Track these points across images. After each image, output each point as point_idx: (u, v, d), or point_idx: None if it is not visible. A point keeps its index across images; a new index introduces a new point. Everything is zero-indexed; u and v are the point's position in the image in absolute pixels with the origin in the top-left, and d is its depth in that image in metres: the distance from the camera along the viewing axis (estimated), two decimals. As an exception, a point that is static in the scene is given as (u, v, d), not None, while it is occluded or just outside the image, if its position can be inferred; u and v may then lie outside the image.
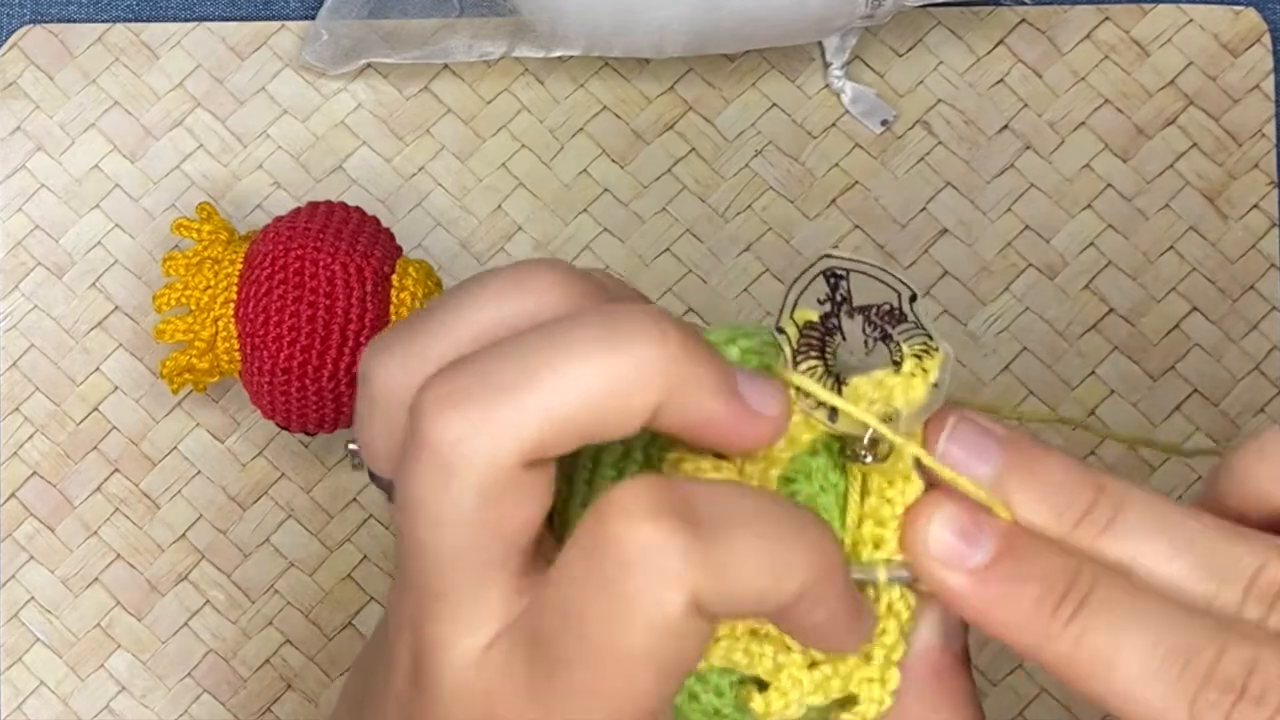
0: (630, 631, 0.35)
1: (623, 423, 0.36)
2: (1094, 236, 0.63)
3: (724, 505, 0.36)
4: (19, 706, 0.61)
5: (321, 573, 0.61)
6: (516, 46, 0.62)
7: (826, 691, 0.39)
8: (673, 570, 0.35)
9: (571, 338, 0.36)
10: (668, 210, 0.63)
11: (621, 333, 0.36)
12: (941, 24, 0.64)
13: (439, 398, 0.36)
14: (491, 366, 0.36)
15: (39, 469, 0.62)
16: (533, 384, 0.36)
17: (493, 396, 0.36)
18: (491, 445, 0.36)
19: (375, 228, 0.58)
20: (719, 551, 0.35)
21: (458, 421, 0.36)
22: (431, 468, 0.36)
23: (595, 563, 0.35)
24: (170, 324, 0.57)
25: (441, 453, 0.36)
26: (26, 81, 0.63)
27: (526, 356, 0.36)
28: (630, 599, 0.35)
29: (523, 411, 0.36)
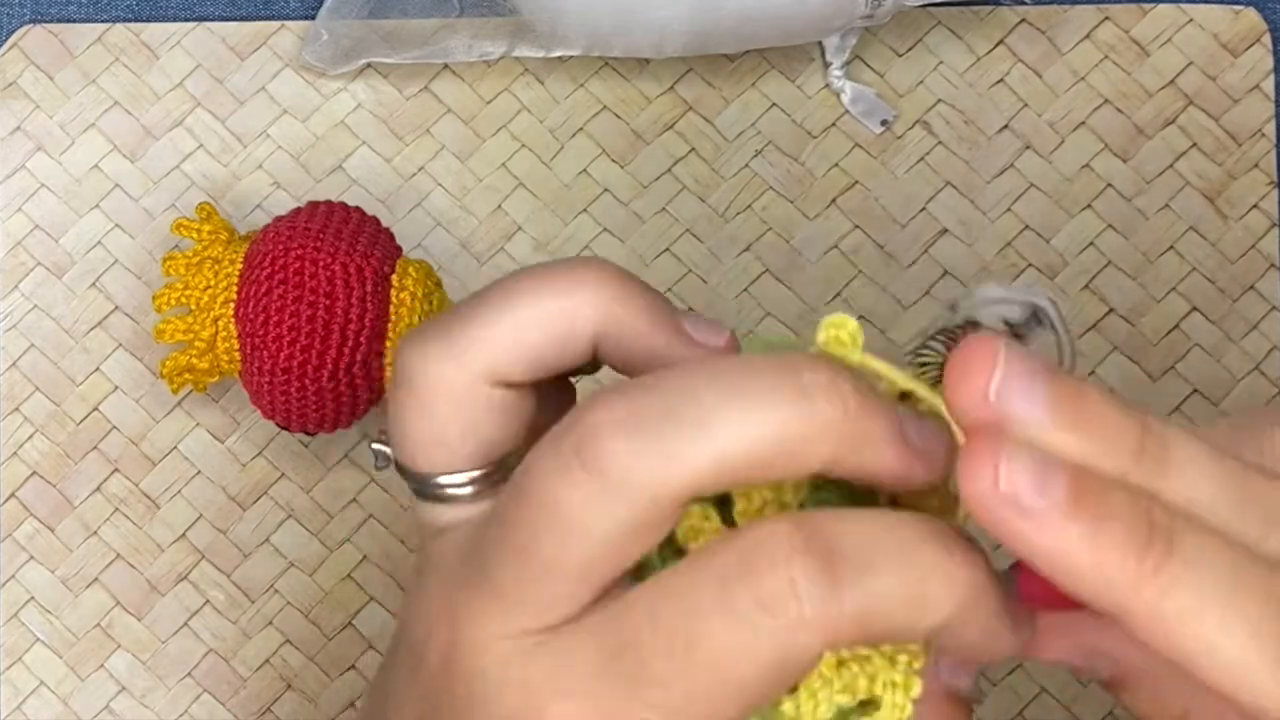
0: (746, 665, 0.35)
1: (789, 472, 0.36)
2: (1094, 236, 0.63)
3: (866, 541, 0.36)
4: (19, 706, 0.61)
5: (321, 573, 0.61)
6: (516, 46, 0.62)
7: (854, 691, 0.39)
8: (814, 613, 0.35)
9: (757, 383, 0.36)
10: (668, 210, 0.63)
11: (804, 387, 0.36)
12: (941, 24, 0.64)
13: (617, 422, 0.36)
14: (674, 400, 0.36)
15: (39, 469, 0.62)
16: (714, 424, 0.36)
17: (674, 430, 0.36)
18: (662, 478, 0.36)
19: (375, 228, 0.58)
20: (863, 592, 0.35)
21: (634, 447, 0.36)
22: (595, 481, 0.36)
23: (727, 592, 0.35)
24: (170, 324, 0.57)
25: (610, 475, 0.36)
26: (26, 81, 0.63)
27: (709, 395, 0.36)
28: (761, 635, 0.35)
29: (699, 451, 0.35)
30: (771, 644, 0.35)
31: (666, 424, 0.36)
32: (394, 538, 0.61)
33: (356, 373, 0.56)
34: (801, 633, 0.35)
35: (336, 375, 0.56)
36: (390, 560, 0.61)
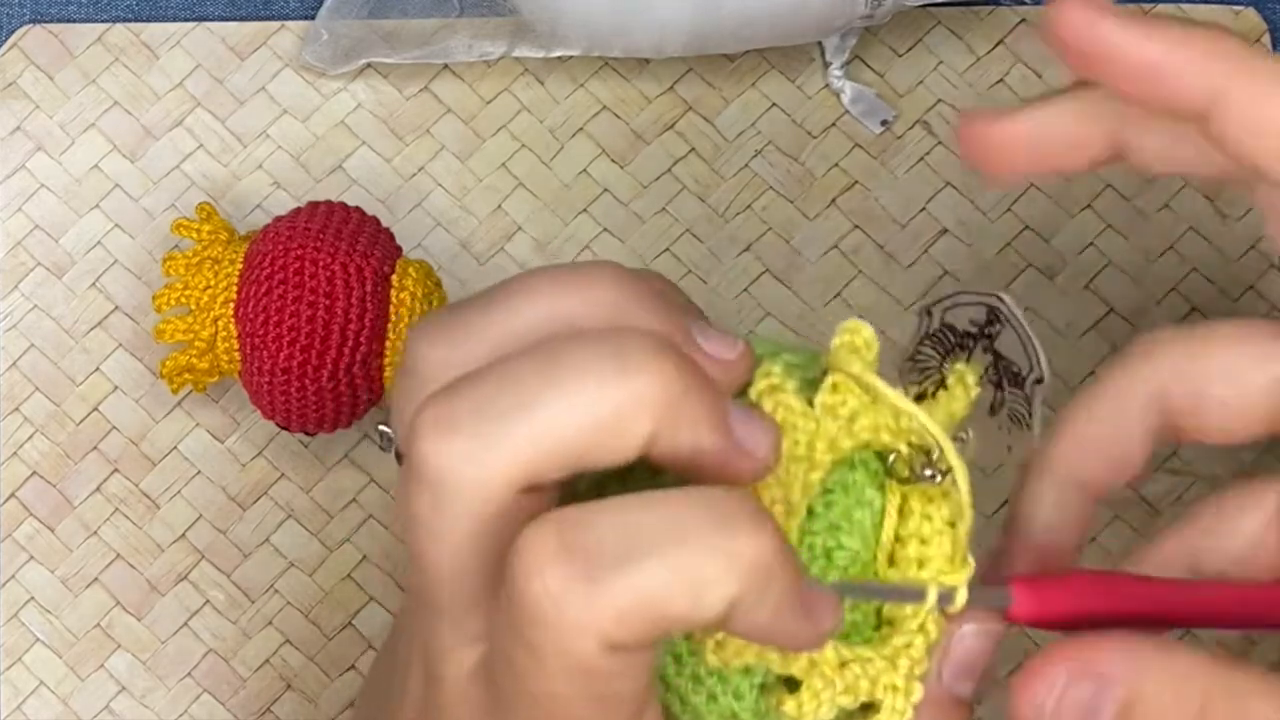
0: (550, 679, 0.35)
1: (615, 452, 0.36)
2: (1094, 236, 0.63)
3: (628, 533, 0.35)
4: (19, 706, 0.61)
5: (321, 573, 0.61)
6: (516, 46, 0.62)
7: (856, 692, 0.39)
8: (571, 619, 0.34)
9: (569, 364, 0.36)
10: (668, 210, 0.63)
11: (623, 362, 0.36)
12: (941, 24, 0.64)
13: (434, 420, 0.36)
14: (486, 392, 0.36)
15: (39, 469, 0.62)
16: (525, 413, 0.35)
17: (485, 425, 0.36)
18: (482, 473, 0.36)
19: (375, 228, 0.58)
20: (623, 586, 0.34)
21: (448, 448, 0.36)
22: (426, 490, 0.36)
23: (511, 614, 0.35)
24: (170, 324, 0.57)
25: (433, 477, 0.36)
26: (26, 81, 0.63)
27: (522, 383, 0.36)
28: (541, 651, 0.35)
29: (513, 441, 0.35)
30: (553, 656, 0.35)
31: (480, 419, 0.36)
32: (394, 538, 0.61)
33: (356, 373, 0.56)
34: (569, 637, 0.34)
35: (336, 375, 0.56)
36: (390, 560, 0.61)
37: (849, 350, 0.40)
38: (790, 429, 0.39)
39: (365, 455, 0.61)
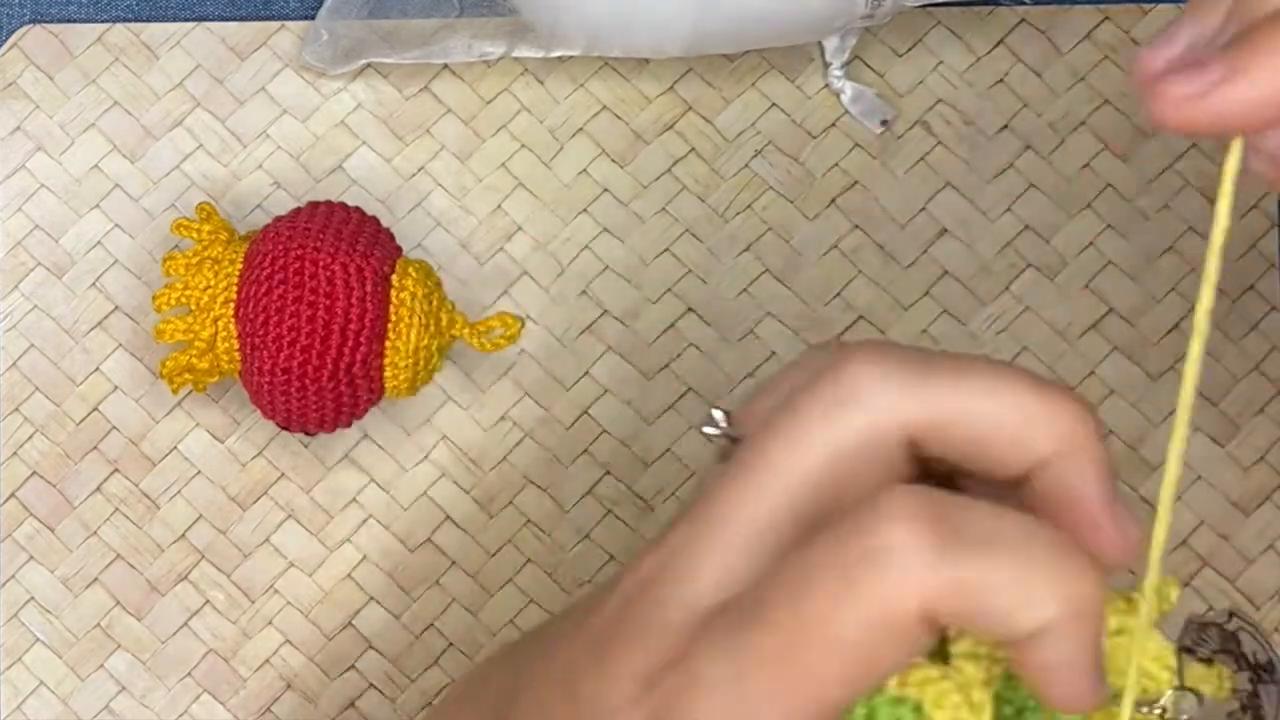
0: (847, 616, 0.35)
1: (1012, 453, 0.38)
2: (1094, 236, 0.63)
3: (988, 524, 0.36)
4: (19, 706, 0.61)
5: (321, 573, 0.61)
6: (516, 46, 0.62)
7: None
8: (914, 571, 0.35)
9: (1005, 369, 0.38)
10: (667, 210, 0.63)
11: (1045, 386, 0.38)
12: (941, 24, 0.64)
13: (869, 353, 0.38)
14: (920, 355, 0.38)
15: (39, 469, 0.62)
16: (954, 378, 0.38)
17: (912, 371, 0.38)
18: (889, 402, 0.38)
19: (375, 228, 0.58)
20: (968, 565, 0.35)
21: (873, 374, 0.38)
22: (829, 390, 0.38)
23: (840, 547, 0.36)
24: (170, 324, 0.57)
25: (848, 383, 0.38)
26: (26, 81, 0.63)
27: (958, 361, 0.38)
28: (861, 586, 0.35)
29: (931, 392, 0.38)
30: (872, 596, 0.35)
31: (914, 367, 0.38)
32: (394, 538, 0.61)
33: (356, 373, 0.56)
34: (901, 585, 0.35)
35: (336, 375, 0.56)
36: (390, 560, 0.61)
37: (1158, 594, 0.40)
38: None
39: (365, 455, 0.61)
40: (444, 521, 0.61)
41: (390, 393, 0.58)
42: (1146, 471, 0.62)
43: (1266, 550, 0.62)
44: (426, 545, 0.61)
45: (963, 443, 0.38)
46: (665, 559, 0.39)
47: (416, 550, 0.61)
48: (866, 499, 0.36)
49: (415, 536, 0.61)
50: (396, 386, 0.58)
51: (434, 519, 0.61)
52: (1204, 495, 0.62)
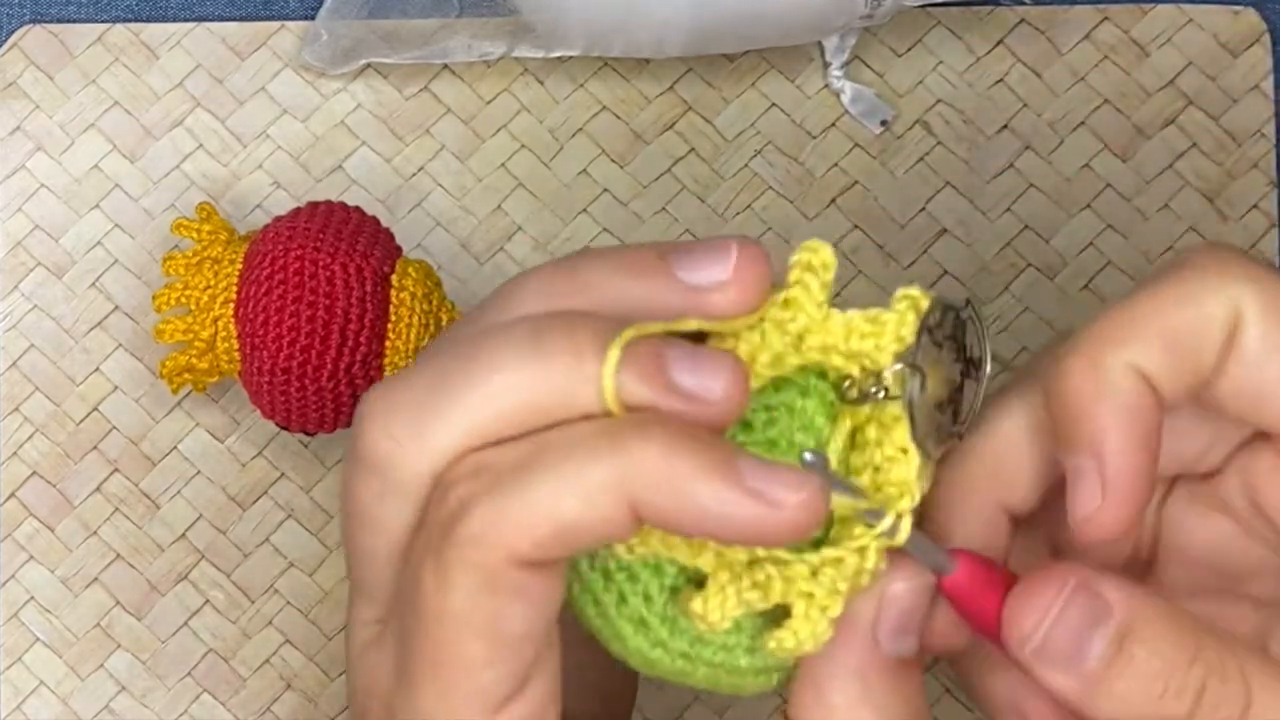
0: (450, 594, 0.36)
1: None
2: (1094, 236, 0.63)
3: (526, 449, 0.36)
4: (19, 706, 0.61)
5: (321, 573, 0.61)
6: (516, 46, 0.62)
7: (765, 591, 0.38)
8: (472, 532, 0.36)
9: (492, 354, 0.37)
10: (667, 210, 0.63)
11: (541, 347, 0.37)
12: (941, 24, 0.64)
13: (375, 414, 0.38)
14: (421, 388, 0.38)
15: (39, 469, 0.62)
16: (457, 402, 0.37)
17: (423, 414, 0.38)
18: (422, 460, 0.38)
19: (375, 228, 0.58)
20: (519, 503, 0.36)
21: (390, 440, 0.38)
22: (374, 479, 0.38)
23: (422, 534, 0.37)
24: (170, 324, 0.57)
25: (378, 470, 0.38)
26: (26, 81, 0.63)
27: (452, 374, 0.37)
28: (448, 564, 0.36)
29: (448, 428, 0.37)
30: (458, 568, 0.36)
31: (416, 408, 0.37)
32: (394, 538, 0.61)
33: (356, 373, 0.56)
34: (480, 551, 0.36)
35: (336, 375, 0.56)
36: (390, 560, 0.61)
37: (805, 269, 0.39)
38: (731, 338, 0.39)
39: (365, 455, 0.62)
40: (444, 521, 0.61)
41: (390, 393, 0.58)
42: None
43: (1266, 550, 0.62)
44: (426, 545, 0.61)
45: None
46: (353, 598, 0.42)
47: (416, 550, 0.61)
48: None
49: (415, 536, 0.61)
50: (396, 386, 0.58)
51: (434, 519, 0.61)
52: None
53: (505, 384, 0.37)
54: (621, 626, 0.39)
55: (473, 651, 0.37)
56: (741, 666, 0.39)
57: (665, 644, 0.39)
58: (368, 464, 0.38)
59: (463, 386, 0.37)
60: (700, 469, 0.35)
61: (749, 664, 0.39)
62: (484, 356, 0.37)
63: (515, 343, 0.37)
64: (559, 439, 0.36)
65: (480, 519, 0.36)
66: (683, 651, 0.39)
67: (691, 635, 0.39)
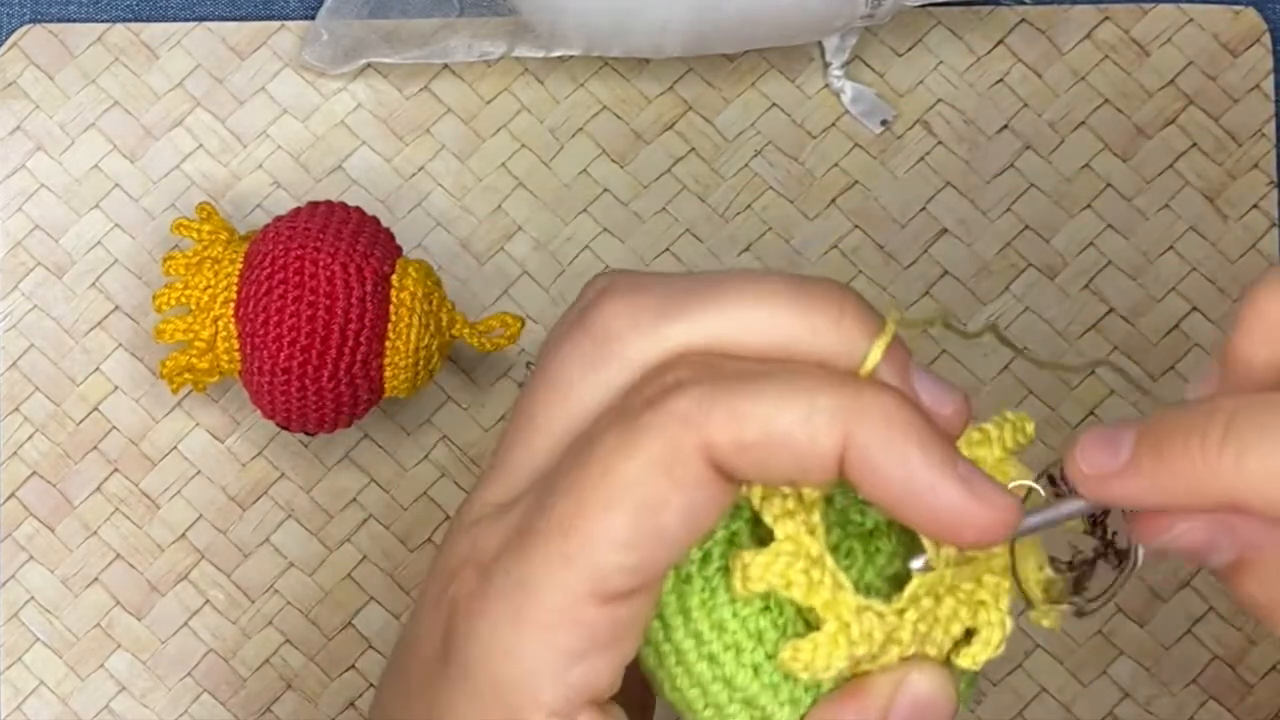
0: (628, 458, 0.36)
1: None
2: (1094, 236, 0.63)
3: (758, 365, 0.37)
4: (19, 706, 0.61)
5: (321, 573, 0.61)
6: (516, 46, 0.62)
7: (870, 645, 0.38)
8: (690, 411, 0.36)
9: (760, 284, 0.38)
10: (668, 210, 0.63)
11: (806, 293, 0.38)
12: (941, 24, 0.64)
13: (621, 292, 0.38)
14: (677, 284, 0.38)
15: (39, 469, 0.62)
16: (705, 307, 0.38)
17: (668, 309, 0.38)
18: (650, 345, 0.38)
19: (375, 228, 0.58)
20: (740, 399, 0.36)
21: (628, 318, 0.38)
22: (588, 348, 0.39)
23: (620, 407, 0.37)
24: (170, 324, 0.57)
25: (603, 339, 0.38)
26: (26, 81, 0.63)
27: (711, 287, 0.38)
28: (640, 428, 0.36)
29: (687, 326, 0.38)
30: (649, 437, 0.36)
31: (664, 303, 0.37)
32: (394, 538, 0.61)
33: (356, 373, 0.56)
34: (680, 428, 0.36)
35: (336, 375, 0.56)
36: (390, 560, 0.61)
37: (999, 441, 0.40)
38: None
39: (365, 455, 0.62)
40: (444, 521, 0.61)
41: (390, 393, 0.58)
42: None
43: (1266, 550, 0.62)
44: (426, 545, 0.61)
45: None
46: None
47: (416, 550, 0.61)
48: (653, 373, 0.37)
49: (415, 536, 0.61)
50: (396, 386, 0.58)
51: (434, 519, 0.61)
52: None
53: (759, 309, 0.37)
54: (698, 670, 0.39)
55: (616, 524, 0.36)
56: None
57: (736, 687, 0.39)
58: (593, 335, 0.38)
59: (717, 296, 0.37)
60: (924, 437, 0.36)
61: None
62: (744, 280, 0.38)
63: (779, 281, 0.37)
64: (794, 366, 0.37)
65: (695, 398, 0.36)
66: (747, 698, 0.39)
67: (765, 683, 0.39)
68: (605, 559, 0.36)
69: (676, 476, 0.36)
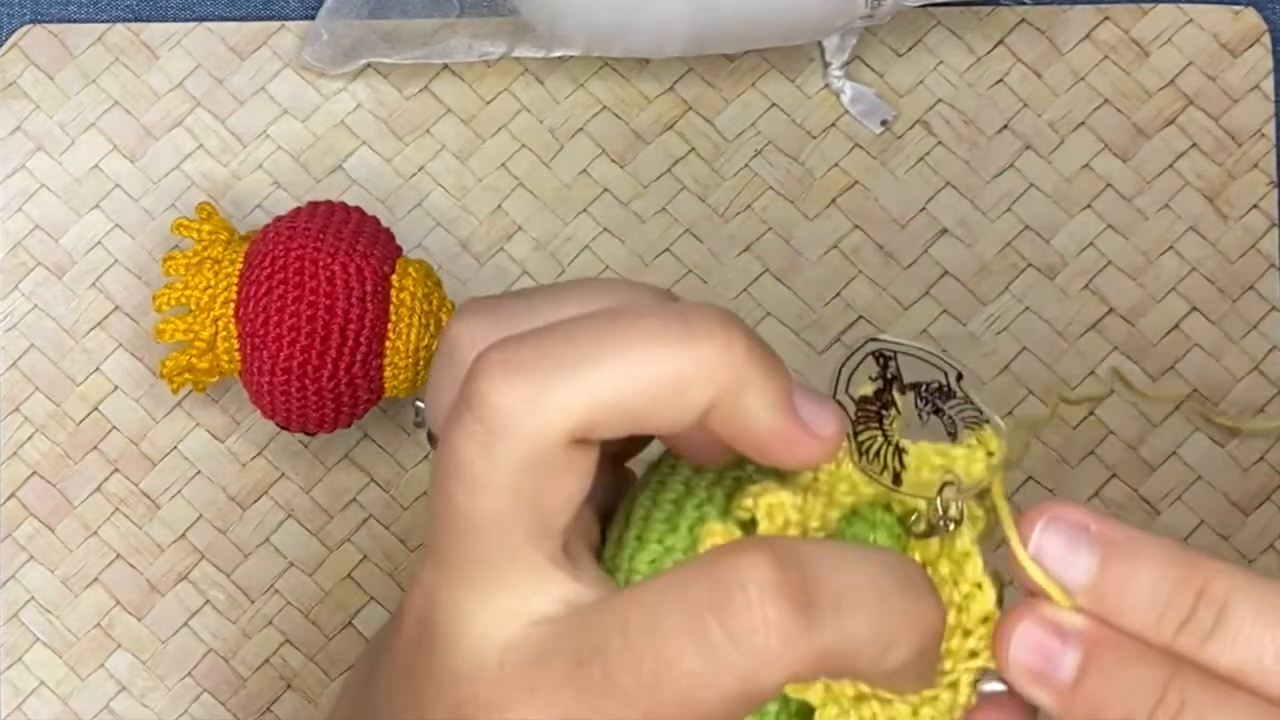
0: (713, 696, 0.35)
1: (674, 416, 0.36)
2: (1094, 236, 0.63)
3: (843, 580, 0.36)
4: (19, 706, 0.61)
5: (321, 573, 0.61)
6: (516, 46, 0.62)
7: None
8: (779, 653, 0.35)
9: (639, 325, 0.36)
10: (668, 210, 0.63)
11: (689, 328, 0.36)
12: (941, 24, 0.64)
13: (497, 363, 0.36)
14: (554, 341, 0.36)
15: (39, 469, 0.62)
16: (591, 364, 0.36)
17: (550, 370, 0.36)
18: (541, 418, 0.36)
19: (375, 228, 0.58)
20: (830, 631, 0.35)
21: (511, 390, 0.36)
22: (479, 431, 0.36)
23: (701, 622, 0.35)
24: (170, 324, 0.57)
25: (490, 418, 0.36)
26: (26, 81, 0.63)
27: (590, 336, 0.36)
28: (728, 670, 0.35)
29: (576, 389, 0.36)
30: (737, 675, 0.35)
31: (545, 363, 0.36)
32: (394, 538, 0.61)
33: (356, 373, 0.56)
34: (767, 668, 0.35)
35: (336, 375, 0.56)
36: (390, 560, 0.61)
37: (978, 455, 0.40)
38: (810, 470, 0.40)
39: (365, 455, 0.61)
40: (444, 521, 0.61)
41: (390, 393, 0.58)
42: (1147, 471, 0.62)
43: (1266, 550, 0.62)
44: (426, 545, 0.61)
45: (624, 425, 0.37)
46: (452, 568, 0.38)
47: (416, 550, 0.61)
48: (724, 559, 0.36)
49: (415, 536, 0.61)
50: (396, 386, 0.58)
51: (434, 519, 0.61)
52: (1204, 495, 0.62)
53: (648, 359, 0.36)
54: None
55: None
56: None
57: None
58: (480, 417, 0.36)
59: (598, 349, 0.36)
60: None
61: None
62: (624, 323, 0.36)
63: (660, 320, 0.36)
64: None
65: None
66: None
67: None
68: None
69: (755, 705, 0.36)
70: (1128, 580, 0.38)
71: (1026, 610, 0.38)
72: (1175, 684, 0.37)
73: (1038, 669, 0.38)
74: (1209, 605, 0.37)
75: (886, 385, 0.40)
